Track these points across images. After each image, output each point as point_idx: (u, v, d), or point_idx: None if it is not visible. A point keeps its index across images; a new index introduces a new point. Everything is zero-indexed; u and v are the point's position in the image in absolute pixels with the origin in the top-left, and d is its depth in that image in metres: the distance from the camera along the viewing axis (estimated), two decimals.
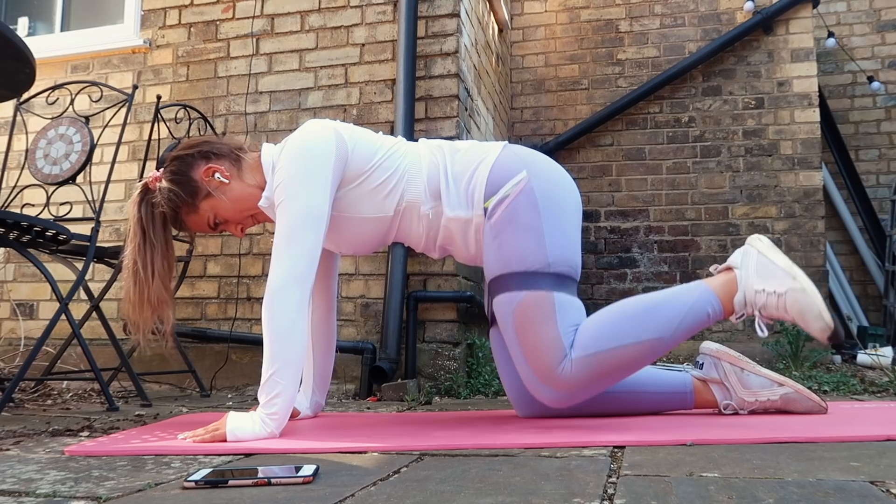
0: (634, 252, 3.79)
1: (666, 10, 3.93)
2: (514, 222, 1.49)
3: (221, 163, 1.57)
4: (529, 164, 1.55)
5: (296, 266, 1.42)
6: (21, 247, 1.96)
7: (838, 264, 4.34)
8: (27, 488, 1.01)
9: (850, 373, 2.84)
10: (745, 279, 1.50)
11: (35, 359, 1.93)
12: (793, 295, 1.45)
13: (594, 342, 1.45)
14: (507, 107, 3.97)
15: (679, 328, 1.47)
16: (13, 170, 2.93)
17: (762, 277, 1.49)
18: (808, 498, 0.84)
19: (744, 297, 1.49)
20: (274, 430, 1.38)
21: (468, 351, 2.66)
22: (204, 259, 2.81)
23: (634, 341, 1.45)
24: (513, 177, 1.52)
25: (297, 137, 1.51)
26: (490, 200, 1.51)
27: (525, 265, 1.48)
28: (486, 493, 0.90)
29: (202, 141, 1.61)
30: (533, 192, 1.51)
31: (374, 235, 1.59)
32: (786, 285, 1.46)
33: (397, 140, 1.62)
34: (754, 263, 1.51)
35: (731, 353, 1.61)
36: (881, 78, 4.50)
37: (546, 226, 1.50)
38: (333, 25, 2.82)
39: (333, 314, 1.81)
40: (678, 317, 1.48)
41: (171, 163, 1.57)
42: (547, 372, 1.45)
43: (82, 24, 3.31)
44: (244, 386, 2.66)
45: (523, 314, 1.47)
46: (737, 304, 1.50)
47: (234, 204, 1.57)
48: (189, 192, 1.54)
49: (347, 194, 1.53)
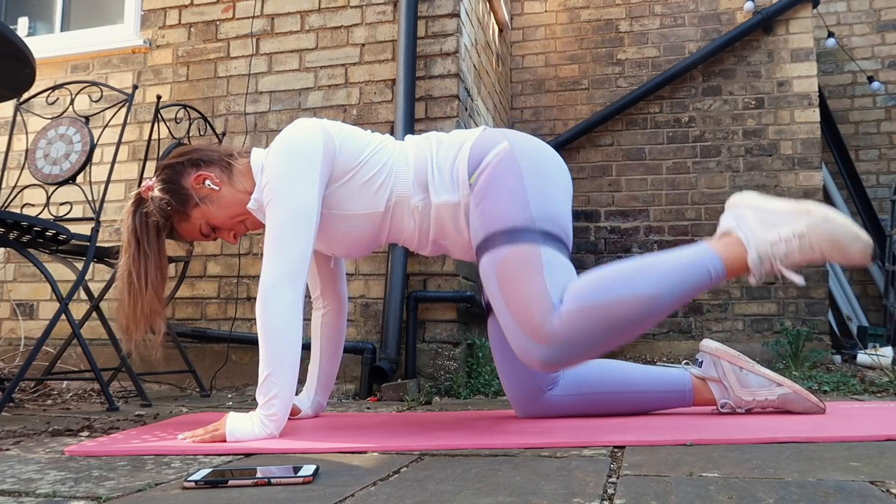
0: (634, 252, 3.79)
1: (666, 10, 3.93)
2: (495, 186, 1.44)
3: (211, 170, 1.56)
4: (511, 137, 1.52)
5: (288, 265, 1.41)
6: (21, 247, 1.96)
7: (838, 264, 4.33)
8: (27, 488, 1.01)
9: (850, 373, 2.84)
10: (753, 237, 1.39)
11: (35, 359, 1.93)
12: (816, 229, 1.34)
13: (586, 293, 1.34)
14: (507, 107, 3.97)
15: (678, 287, 1.36)
16: (13, 170, 2.93)
17: (770, 227, 1.38)
18: (808, 498, 0.84)
19: (758, 255, 1.37)
20: (273, 430, 1.38)
21: (468, 351, 2.66)
22: (204, 259, 2.81)
23: (629, 293, 1.34)
24: (493, 148, 1.49)
25: (284, 135, 1.50)
26: (473, 175, 1.48)
27: (508, 223, 1.41)
28: (486, 493, 0.90)
29: (192, 149, 1.61)
30: (514, 158, 1.47)
31: (365, 234, 1.56)
32: (803, 222, 1.35)
33: (385, 137, 1.61)
34: (753, 219, 1.40)
35: (731, 351, 1.60)
36: (881, 78, 4.50)
37: (529, 186, 1.44)
38: (333, 25, 2.82)
39: (344, 317, 1.80)
40: (676, 272, 1.37)
41: (162, 172, 1.57)
42: (535, 327, 1.34)
43: (82, 24, 3.31)
44: (244, 386, 2.66)
45: (507, 269, 1.39)
46: (752, 265, 1.38)
47: (224, 210, 1.56)
48: (180, 200, 1.53)
49: (336, 191, 1.51)
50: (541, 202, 1.43)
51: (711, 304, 3.66)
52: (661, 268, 1.38)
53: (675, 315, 3.69)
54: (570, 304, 1.34)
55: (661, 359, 3.62)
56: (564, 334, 1.33)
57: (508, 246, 1.40)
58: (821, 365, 3.12)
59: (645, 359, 3.64)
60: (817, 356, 2.94)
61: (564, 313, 1.33)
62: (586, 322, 1.33)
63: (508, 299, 1.39)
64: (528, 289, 1.36)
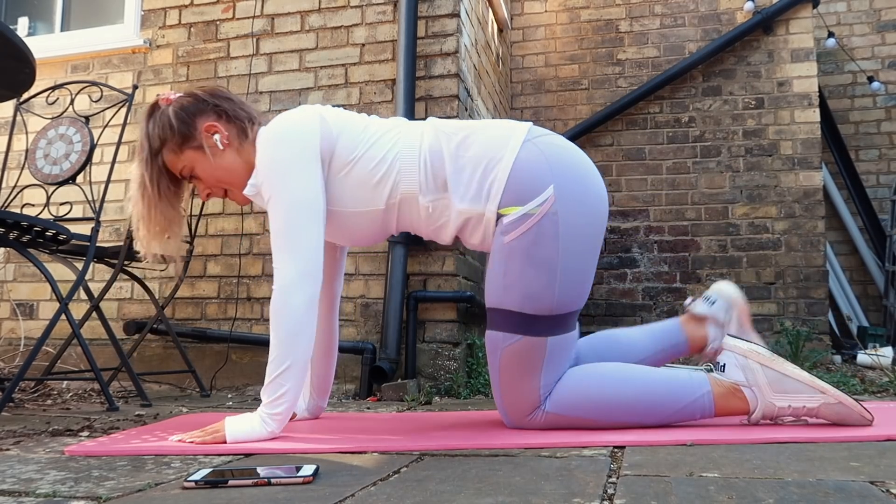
0: (634, 252, 3.79)
1: (666, 10, 3.93)
2: (528, 253, 1.36)
3: (229, 128, 1.50)
4: (557, 171, 1.38)
5: (301, 262, 1.37)
6: (21, 247, 1.96)
7: (838, 264, 4.34)
8: (27, 488, 1.01)
9: (850, 373, 2.84)
10: (762, 399, 1.35)
11: (35, 359, 1.93)
12: (828, 409, 1.33)
13: (572, 406, 1.39)
14: (507, 107, 3.97)
15: (662, 421, 1.39)
16: (13, 170, 2.93)
17: (781, 394, 1.35)
18: (808, 498, 0.84)
19: (762, 414, 1.36)
20: (275, 429, 1.37)
21: (468, 351, 2.66)
22: (204, 259, 2.81)
23: (612, 419, 1.38)
24: (537, 189, 1.36)
25: (277, 124, 1.43)
26: (508, 210, 1.37)
27: (526, 307, 1.37)
28: (486, 493, 0.90)
29: (226, 96, 1.54)
30: (556, 219, 1.36)
31: (368, 229, 1.49)
32: (817, 400, 1.33)
33: (390, 124, 1.50)
34: (764, 381, 1.35)
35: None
36: (881, 78, 4.50)
37: (562, 263, 1.36)
38: (333, 25, 2.82)
39: (335, 315, 1.73)
40: (665, 410, 1.38)
41: (187, 97, 1.52)
42: (520, 417, 1.41)
43: (82, 24, 3.31)
44: (244, 386, 2.66)
45: (510, 359, 1.40)
46: (753, 420, 1.38)
47: (215, 171, 1.50)
48: (183, 134, 1.48)
49: (333, 187, 1.44)
50: (567, 282, 1.38)
51: None
52: (654, 405, 1.38)
53: (675, 315, 3.68)
54: (555, 408, 1.40)
55: None
56: (539, 427, 1.41)
57: (518, 336, 1.38)
58: (821, 365, 3.12)
59: None
60: (817, 356, 2.94)
61: (549, 415, 1.40)
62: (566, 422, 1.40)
63: (503, 385, 1.42)
64: (524, 385, 1.40)
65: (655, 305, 3.74)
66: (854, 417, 1.32)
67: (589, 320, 3.80)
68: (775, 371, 1.35)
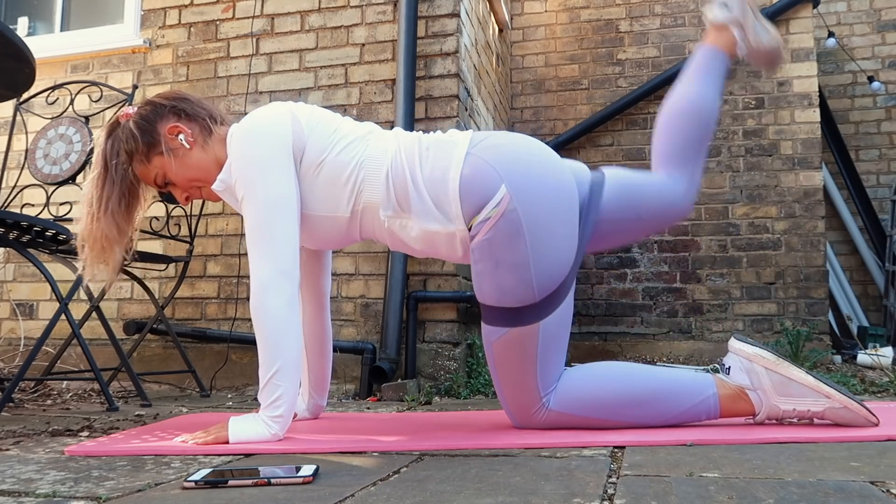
0: (634, 252, 3.79)
1: (666, 10, 3.93)
2: (495, 257, 1.36)
3: (191, 126, 1.50)
4: (503, 170, 1.37)
5: (277, 261, 1.36)
6: (21, 247, 1.96)
7: (838, 264, 4.34)
8: (27, 488, 1.01)
9: (850, 373, 2.84)
10: (766, 403, 1.36)
11: (35, 359, 1.93)
12: (833, 413, 1.33)
13: (577, 405, 1.39)
14: (508, 107, 3.97)
15: (668, 422, 1.39)
16: (13, 170, 2.93)
17: (786, 397, 1.35)
18: (808, 498, 0.84)
19: (766, 415, 1.37)
20: (278, 431, 1.35)
21: (468, 351, 2.66)
22: (204, 259, 2.81)
23: (617, 419, 1.39)
24: (490, 193, 1.36)
25: (248, 122, 1.42)
26: (474, 219, 1.37)
27: (508, 301, 1.37)
28: (486, 493, 0.90)
29: (182, 97, 1.54)
30: (517, 215, 1.35)
31: (332, 234, 1.48)
32: (821, 405, 1.33)
33: (363, 130, 1.48)
34: (769, 384, 1.36)
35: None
36: (881, 78, 4.50)
37: (533, 256, 1.36)
38: (333, 25, 2.82)
39: (325, 313, 1.71)
40: (672, 413, 1.39)
41: (144, 106, 1.52)
42: (525, 416, 1.41)
43: (82, 23, 3.31)
44: (244, 386, 2.66)
45: (502, 353, 1.40)
46: (758, 420, 1.39)
47: (186, 171, 1.49)
48: (147, 142, 1.47)
49: (301, 188, 1.42)
50: (543, 267, 1.37)
51: (711, 304, 3.66)
52: (659, 407, 1.39)
53: (674, 315, 3.69)
54: (560, 406, 1.40)
55: (661, 359, 3.62)
56: (545, 425, 1.41)
57: (507, 328, 1.38)
58: (821, 365, 3.12)
59: (645, 359, 3.64)
60: (817, 356, 2.94)
61: (553, 413, 1.40)
62: (572, 421, 1.40)
63: (503, 381, 1.43)
64: (521, 381, 1.39)
65: (655, 305, 3.74)
66: (860, 421, 1.32)
67: (589, 320, 3.80)
68: (780, 375, 1.35)
